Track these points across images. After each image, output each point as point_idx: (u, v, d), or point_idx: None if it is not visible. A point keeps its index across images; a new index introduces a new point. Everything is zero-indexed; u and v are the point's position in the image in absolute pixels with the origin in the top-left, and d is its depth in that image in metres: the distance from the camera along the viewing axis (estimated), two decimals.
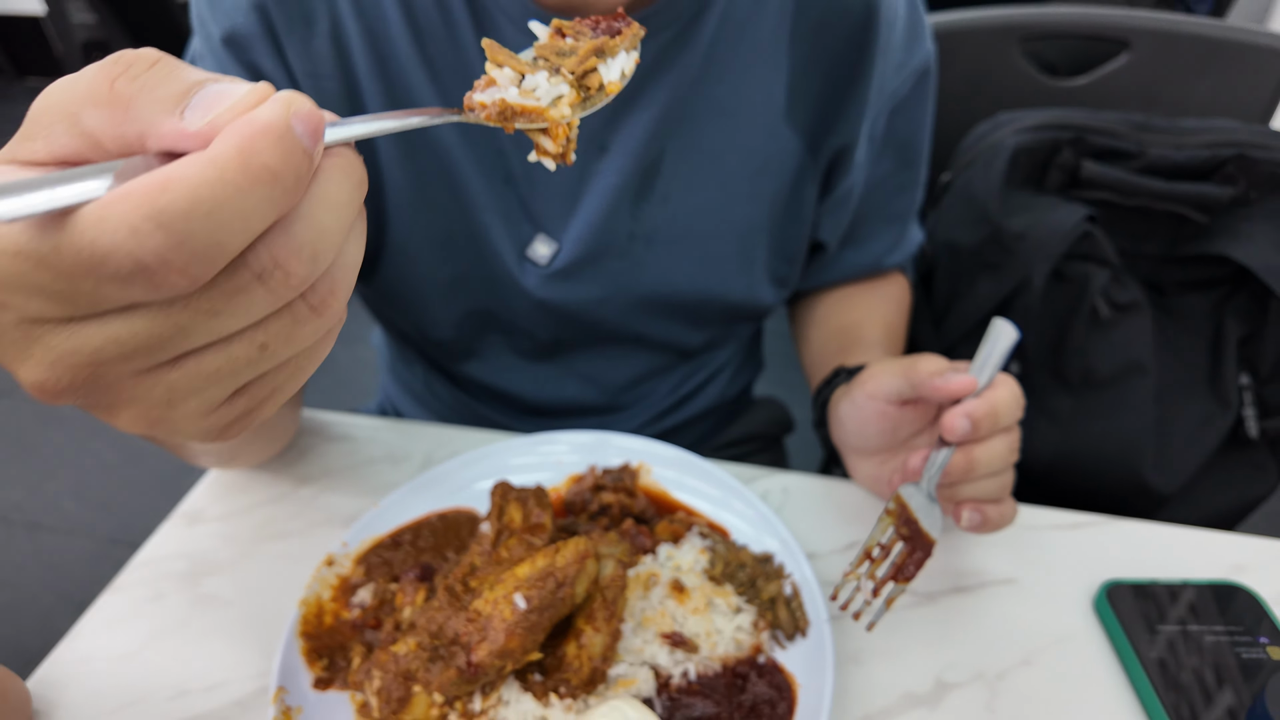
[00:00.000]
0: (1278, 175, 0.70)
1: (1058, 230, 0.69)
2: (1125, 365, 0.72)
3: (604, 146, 0.49)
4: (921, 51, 0.55)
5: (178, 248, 0.16)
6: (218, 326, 0.19)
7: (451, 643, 0.35)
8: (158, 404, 0.20)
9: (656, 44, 0.47)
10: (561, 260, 0.52)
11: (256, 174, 0.17)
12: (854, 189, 0.56)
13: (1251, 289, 0.72)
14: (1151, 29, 0.86)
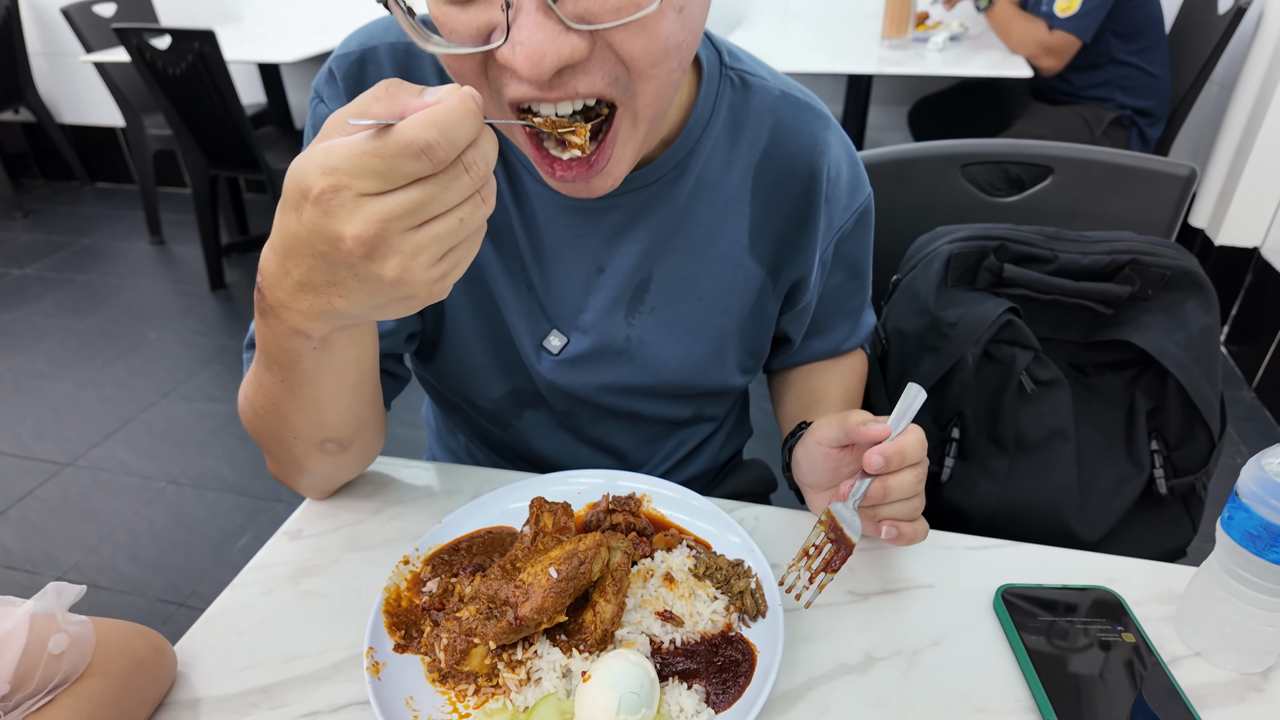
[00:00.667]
0: (1165, 276, 0.86)
1: (985, 319, 0.85)
2: (1051, 431, 0.86)
3: (602, 268, 0.65)
4: (862, 195, 0.72)
5: (440, 137, 0.35)
6: (444, 199, 0.37)
7: (503, 604, 0.49)
8: (407, 254, 0.38)
9: (643, 196, 0.62)
10: (569, 351, 0.67)
11: (470, 108, 0.36)
12: (811, 302, 0.72)
13: (1155, 369, 0.87)
14: (1071, 157, 1.04)
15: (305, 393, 0.53)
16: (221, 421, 2.13)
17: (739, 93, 0.64)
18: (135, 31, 2.30)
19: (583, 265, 0.65)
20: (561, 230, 0.63)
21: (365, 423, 0.61)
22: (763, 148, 0.65)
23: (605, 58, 0.45)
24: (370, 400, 0.59)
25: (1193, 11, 2.35)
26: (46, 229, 3.38)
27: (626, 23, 0.43)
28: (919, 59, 2.13)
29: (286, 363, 0.50)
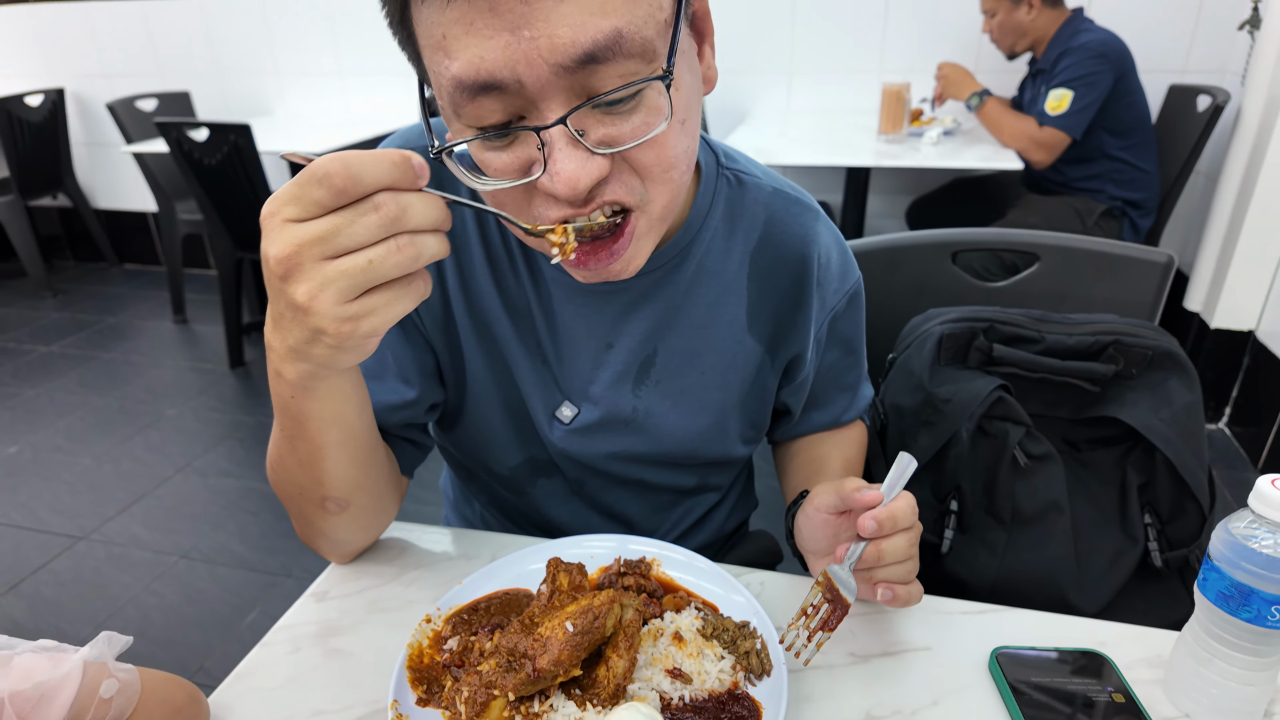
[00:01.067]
0: (1147, 356, 0.91)
1: (977, 395, 0.89)
2: (1045, 504, 0.90)
3: (611, 344, 0.70)
4: (852, 278, 0.78)
5: (341, 169, 0.41)
6: (350, 232, 0.42)
7: (522, 656, 0.53)
8: (316, 282, 0.43)
9: (649, 280, 0.68)
10: (580, 421, 0.72)
11: (390, 158, 0.42)
12: (809, 377, 0.77)
13: (1143, 445, 0.91)
14: (1056, 245, 1.11)
15: (299, 444, 0.58)
16: (235, 496, 2.16)
17: (735, 189, 0.71)
18: (176, 125, 2.45)
19: (594, 341, 0.70)
20: (575, 310, 0.69)
21: (362, 485, 0.63)
22: (758, 237, 0.71)
23: (623, 170, 0.52)
24: (364, 463, 0.62)
25: (1175, 108, 2.48)
26: (74, 308, 3.50)
27: (639, 144, 0.49)
28: (914, 152, 2.25)
29: (280, 409, 0.56)
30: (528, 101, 0.47)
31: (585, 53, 0.45)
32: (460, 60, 0.46)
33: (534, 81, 0.46)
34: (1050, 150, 2.23)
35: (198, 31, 3.44)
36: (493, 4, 0.44)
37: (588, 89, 0.47)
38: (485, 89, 0.46)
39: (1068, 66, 2.19)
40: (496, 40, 0.44)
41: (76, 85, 3.68)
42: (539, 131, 0.47)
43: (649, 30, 0.47)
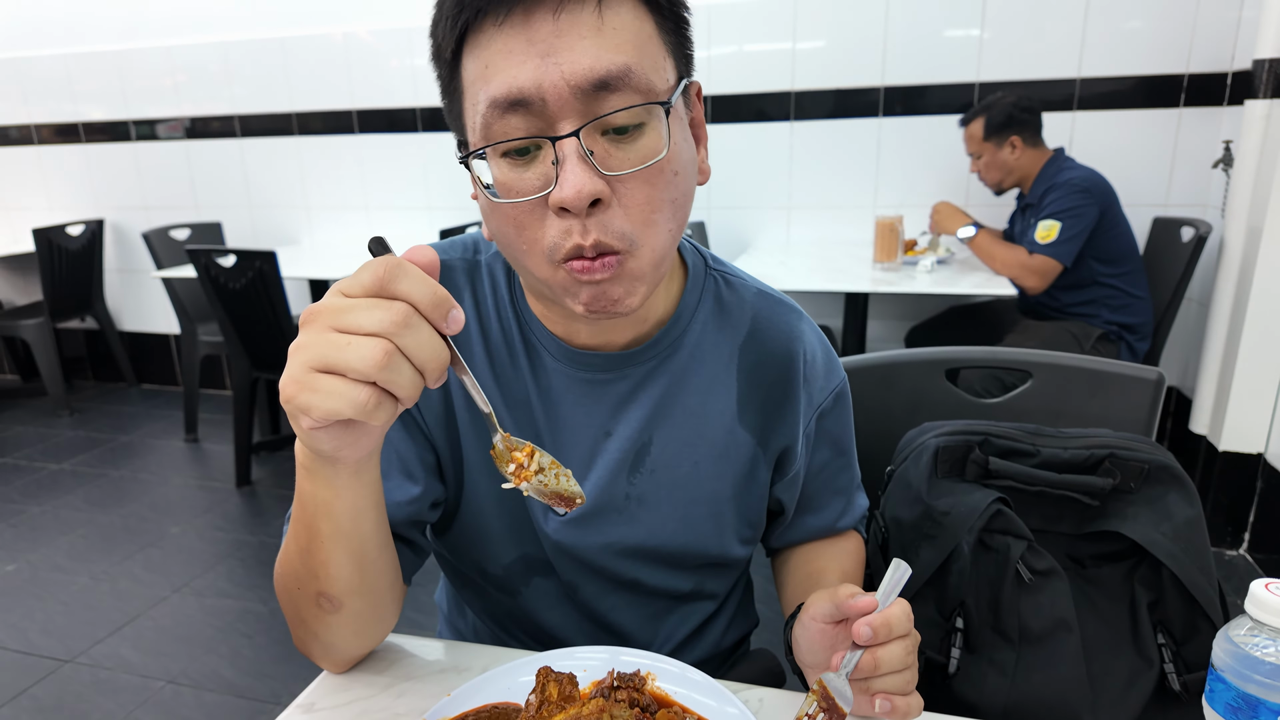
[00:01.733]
0: (1144, 470, 0.91)
1: (975, 509, 0.89)
2: (1053, 622, 0.87)
3: (609, 433, 0.73)
4: (837, 377, 0.81)
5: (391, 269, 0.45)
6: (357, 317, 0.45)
7: None
8: (306, 339, 0.46)
9: (644, 369, 0.72)
10: (574, 512, 0.73)
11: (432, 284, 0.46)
12: (800, 472, 0.79)
13: (1149, 561, 0.90)
14: (1048, 363, 1.14)
15: (300, 530, 0.60)
16: (230, 619, 2.11)
17: (722, 288, 0.77)
18: (205, 252, 2.58)
19: (591, 431, 0.72)
20: (574, 401, 0.72)
21: (358, 586, 0.63)
22: (745, 333, 0.76)
23: (615, 215, 0.57)
24: (361, 562, 0.62)
25: (1160, 238, 2.58)
26: (89, 426, 3.55)
27: (636, 170, 0.57)
28: (910, 280, 2.34)
29: (300, 498, 0.59)
30: (548, 121, 0.55)
31: (599, 79, 0.54)
32: (496, 82, 0.55)
33: (555, 99, 0.54)
34: (1042, 276, 2.31)
35: (235, 168, 3.68)
36: (529, 36, 0.54)
37: (598, 113, 0.55)
38: (514, 105, 0.55)
39: (1054, 200, 2.31)
40: (529, 64, 0.54)
41: (116, 216, 3.90)
42: (555, 142, 0.55)
43: (654, 76, 0.57)
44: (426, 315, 0.45)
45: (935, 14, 2.79)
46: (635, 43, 0.56)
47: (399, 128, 3.43)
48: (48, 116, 3.86)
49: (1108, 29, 2.65)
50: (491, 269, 0.75)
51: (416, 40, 3.31)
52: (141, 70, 3.66)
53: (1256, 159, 2.25)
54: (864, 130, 2.95)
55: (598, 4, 0.54)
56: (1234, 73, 2.55)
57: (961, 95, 2.82)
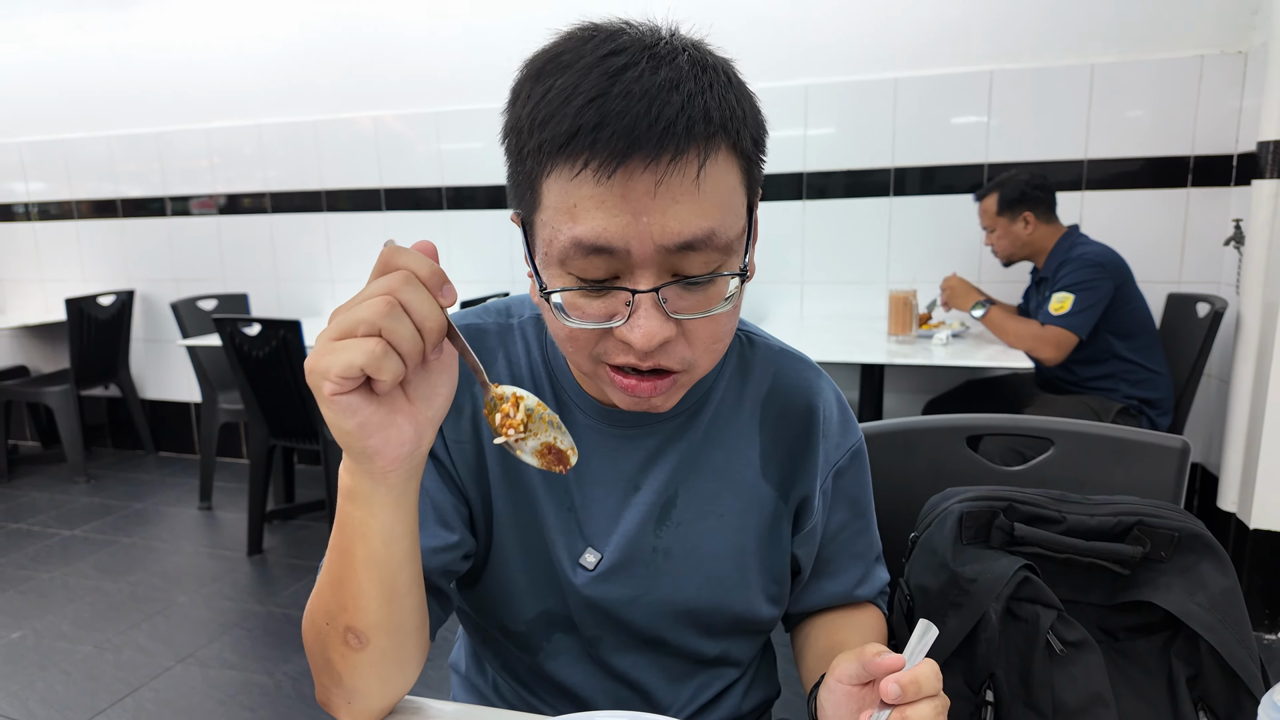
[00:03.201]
0: (1174, 538, 0.89)
1: (1002, 575, 0.87)
2: (1089, 698, 0.84)
3: (637, 487, 0.74)
4: (853, 436, 0.81)
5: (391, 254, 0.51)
6: (366, 290, 0.51)
7: None
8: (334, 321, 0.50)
9: (672, 425, 0.74)
10: (603, 566, 0.73)
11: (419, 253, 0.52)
12: (817, 527, 0.78)
13: (1185, 633, 0.87)
14: (1070, 430, 1.13)
15: (335, 559, 0.60)
16: (233, 690, 2.06)
17: (746, 347, 0.79)
18: (231, 321, 2.64)
19: (620, 485, 0.73)
20: (604, 455, 0.74)
21: (386, 623, 0.62)
22: (767, 389, 0.78)
23: (678, 342, 0.61)
24: (391, 596, 0.61)
25: (1176, 314, 2.59)
26: (104, 493, 3.55)
27: (703, 316, 0.60)
28: (925, 352, 2.34)
29: (334, 522, 0.60)
30: (627, 266, 0.57)
31: (686, 242, 0.56)
32: (585, 226, 0.56)
33: (640, 254, 0.56)
34: (1057, 347, 2.31)
35: (264, 243, 3.80)
36: (625, 194, 0.54)
37: (676, 267, 0.58)
38: (599, 251, 0.56)
39: (1068, 274, 2.33)
40: (620, 219, 0.55)
41: (146, 288, 4.02)
42: (635, 293, 0.57)
43: (732, 234, 0.59)
44: (424, 282, 0.50)
45: (942, 102, 2.89)
46: (723, 202, 0.57)
47: (424, 206, 3.55)
48: (88, 193, 4.03)
49: (1113, 116, 2.74)
50: (524, 331, 0.78)
51: (444, 124, 3.45)
52: (180, 150, 3.83)
53: (1267, 236, 2.27)
54: (875, 209, 3.02)
55: (697, 170, 0.55)
56: (1239, 154, 2.61)
57: (971, 175, 2.89)
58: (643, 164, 0.54)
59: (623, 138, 0.53)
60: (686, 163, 0.55)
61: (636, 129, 0.53)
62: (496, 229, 3.47)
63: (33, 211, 4.16)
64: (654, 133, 0.53)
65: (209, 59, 3.70)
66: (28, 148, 4.08)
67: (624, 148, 0.53)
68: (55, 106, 3.99)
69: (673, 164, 0.54)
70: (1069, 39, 2.75)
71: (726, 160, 0.58)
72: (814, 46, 2.98)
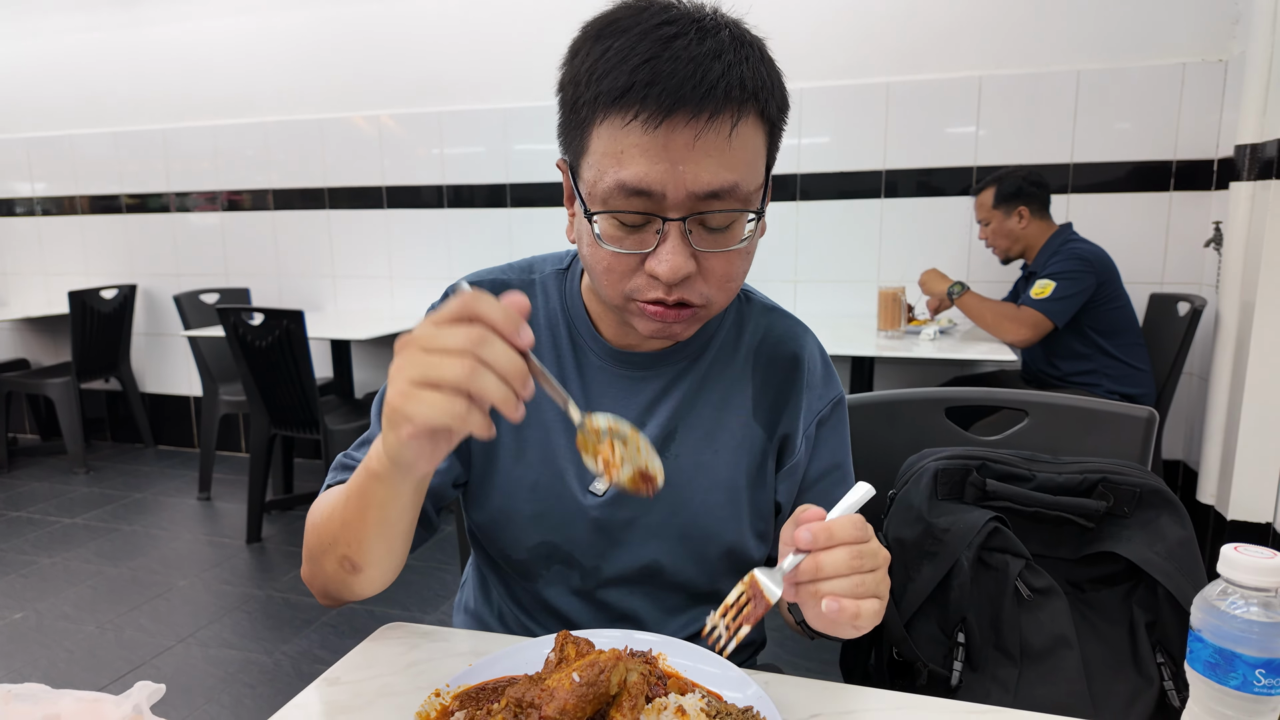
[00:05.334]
0: (1136, 493, 0.95)
1: (973, 526, 0.93)
2: (1053, 639, 0.90)
3: (643, 424, 0.81)
4: (834, 388, 0.88)
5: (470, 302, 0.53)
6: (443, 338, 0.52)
7: (529, 705, 0.55)
8: (403, 362, 0.53)
9: (676, 368, 0.82)
10: (611, 492, 0.80)
11: (500, 303, 0.53)
12: (799, 466, 0.84)
13: (1146, 582, 0.92)
14: (1043, 402, 1.19)
15: (350, 508, 0.67)
16: (233, 669, 2.10)
17: (743, 303, 0.88)
18: (234, 311, 2.69)
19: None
20: (614, 396, 0.82)
21: (376, 561, 0.71)
22: (759, 339, 0.85)
23: (699, 279, 0.69)
24: (390, 547, 0.71)
25: (1158, 313, 2.66)
26: (104, 484, 3.59)
27: (721, 252, 0.68)
28: (914, 346, 2.41)
29: (360, 472, 0.66)
30: (661, 209, 0.65)
31: (713, 191, 0.64)
32: (630, 170, 0.64)
33: (674, 198, 0.64)
34: (1031, 328, 2.35)
35: (267, 239, 3.86)
36: (667, 144, 0.62)
37: (701, 212, 0.66)
38: (639, 193, 0.64)
39: (1054, 263, 2.40)
40: (660, 166, 0.63)
41: (149, 282, 4.06)
42: (665, 221, 0.65)
43: (751, 187, 0.67)
44: (501, 332, 0.53)
45: (933, 107, 2.96)
46: (748, 160, 0.66)
47: (426, 203, 3.61)
48: (93, 189, 4.09)
49: (1098, 122, 2.81)
50: (545, 285, 0.86)
51: (447, 125, 3.52)
52: (185, 147, 3.89)
53: (1244, 237, 2.35)
54: (866, 210, 3.09)
55: (730, 129, 0.63)
56: (1219, 159, 2.69)
57: (960, 178, 2.97)
58: (685, 119, 0.62)
59: (670, 95, 0.61)
60: (721, 122, 0.63)
61: (683, 89, 0.61)
62: (496, 228, 3.54)
63: (36, 206, 4.21)
64: (698, 93, 0.61)
65: (215, 58, 3.76)
66: (34, 143, 4.14)
67: (670, 104, 0.61)
68: (62, 102, 4.04)
69: (710, 122, 0.62)
70: (1056, 46, 2.83)
71: (755, 124, 0.66)
72: (807, 52, 3.06)
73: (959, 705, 0.68)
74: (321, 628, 2.31)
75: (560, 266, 0.87)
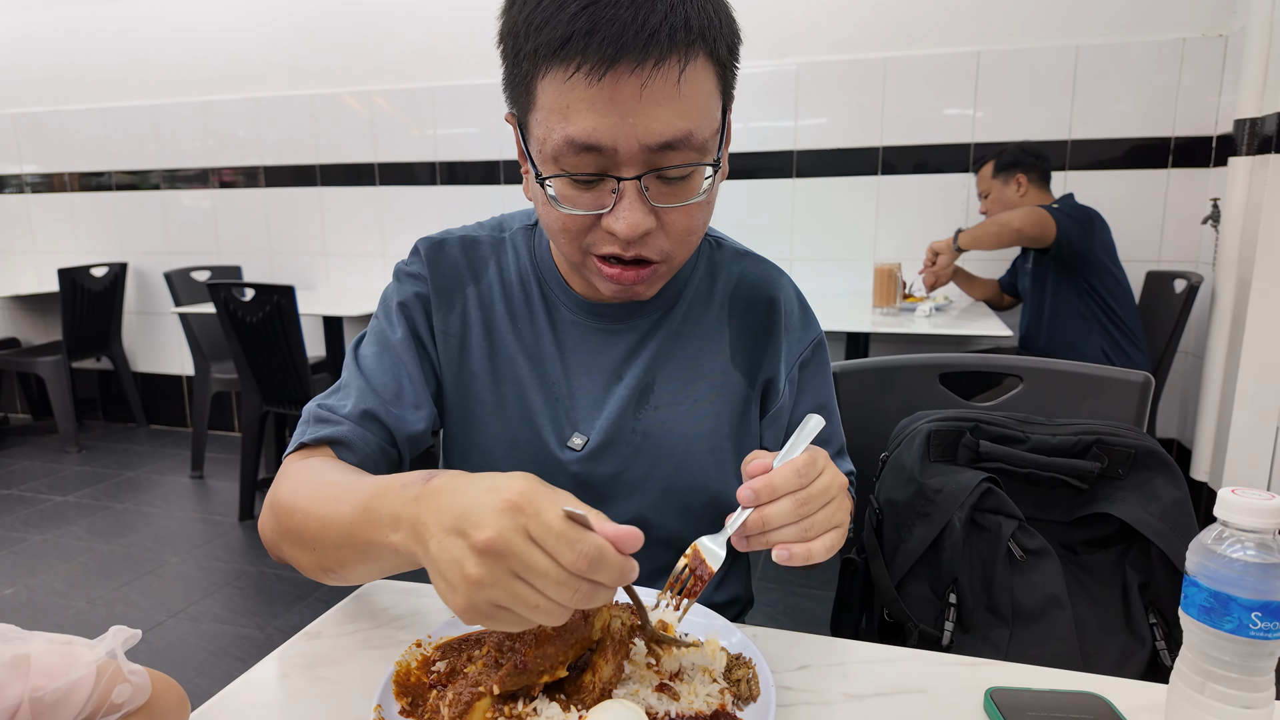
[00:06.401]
0: (1130, 454, 0.94)
1: (966, 486, 0.92)
2: (1045, 600, 0.89)
3: (620, 376, 0.79)
4: (814, 330, 0.87)
5: (592, 552, 0.45)
6: (543, 583, 0.45)
7: (510, 650, 0.53)
8: (494, 585, 0.45)
9: (650, 320, 0.80)
10: (589, 446, 0.79)
11: (624, 566, 0.47)
12: (784, 410, 0.84)
13: (1139, 543, 0.91)
14: (1036, 367, 1.18)
15: (341, 539, 0.59)
16: (225, 643, 2.09)
17: (714, 249, 0.86)
18: (225, 287, 2.67)
19: (604, 375, 0.80)
20: (589, 350, 0.80)
21: (357, 579, 0.64)
22: (733, 286, 0.84)
23: (659, 235, 0.67)
24: (370, 576, 0.63)
25: (1154, 290, 2.65)
26: (96, 462, 3.57)
27: (680, 206, 0.65)
28: (909, 323, 2.39)
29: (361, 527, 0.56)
30: (614, 163, 0.62)
31: (666, 141, 0.61)
32: (577, 125, 0.60)
33: (626, 151, 0.61)
34: (1035, 217, 2.30)
35: (258, 216, 3.82)
36: (613, 96, 0.59)
37: (657, 164, 0.63)
38: (589, 149, 0.61)
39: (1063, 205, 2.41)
40: (609, 119, 0.60)
41: (139, 260, 4.03)
42: (620, 181, 0.62)
43: (707, 134, 0.64)
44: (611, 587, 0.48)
45: (930, 82, 2.93)
46: (700, 105, 0.62)
47: (418, 180, 3.58)
48: (82, 165, 4.04)
49: (1096, 98, 2.79)
50: (515, 242, 0.84)
51: (439, 101, 3.48)
52: (175, 124, 3.84)
53: (1242, 213, 2.33)
54: (863, 187, 3.07)
55: (678, 74, 0.60)
56: (1218, 136, 2.67)
57: (957, 155, 2.94)
58: (629, 68, 0.58)
59: (611, 43, 0.58)
60: (669, 68, 0.59)
61: (624, 35, 0.57)
62: (489, 205, 3.50)
63: (25, 183, 4.16)
64: (640, 39, 0.58)
65: (204, 33, 3.71)
66: (22, 119, 4.08)
67: (613, 53, 0.58)
68: (49, 79, 3.99)
69: (656, 69, 0.59)
70: (1055, 21, 2.80)
71: (704, 66, 0.62)
72: (805, 26, 3.02)
73: (947, 657, 0.67)
74: (314, 603, 2.31)
75: (529, 223, 0.85)
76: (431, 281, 0.81)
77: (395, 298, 0.82)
